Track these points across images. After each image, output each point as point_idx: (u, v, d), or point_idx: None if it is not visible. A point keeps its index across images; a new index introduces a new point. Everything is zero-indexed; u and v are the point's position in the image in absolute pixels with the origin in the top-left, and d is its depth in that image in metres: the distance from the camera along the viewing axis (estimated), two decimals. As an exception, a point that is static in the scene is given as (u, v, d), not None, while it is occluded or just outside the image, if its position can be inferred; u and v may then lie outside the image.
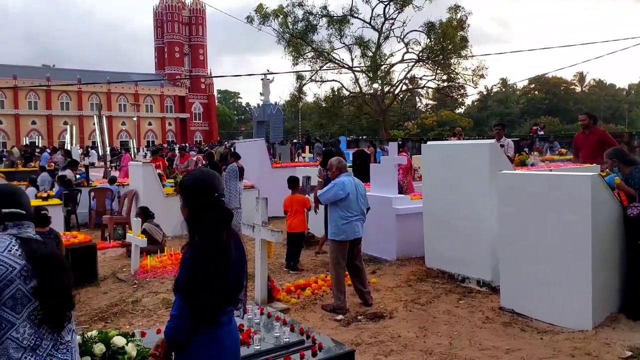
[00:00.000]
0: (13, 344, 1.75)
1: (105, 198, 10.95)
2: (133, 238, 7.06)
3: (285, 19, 32.01)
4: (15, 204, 1.96)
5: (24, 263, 1.82)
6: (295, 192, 7.60)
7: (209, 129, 75.83)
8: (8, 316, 1.76)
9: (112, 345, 2.69)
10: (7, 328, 1.75)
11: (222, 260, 2.16)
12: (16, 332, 1.77)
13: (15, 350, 1.75)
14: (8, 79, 57.27)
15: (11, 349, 1.75)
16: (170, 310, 5.52)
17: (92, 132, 59.27)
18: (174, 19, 73.87)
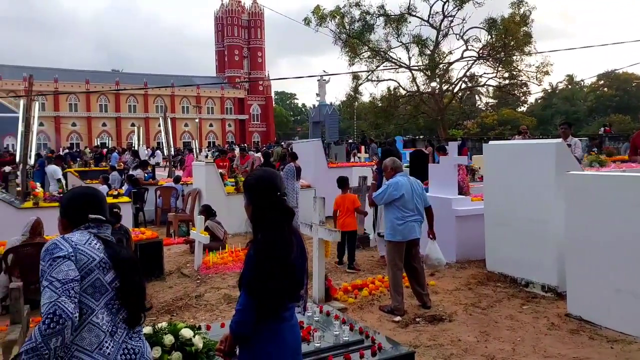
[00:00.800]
0: (95, 329, 1.89)
1: (170, 196, 11.44)
2: (196, 235, 7.34)
3: (342, 20, 32.05)
4: (101, 210, 2.11)
5: (102, 256, 1.96)
6: (346, 191, 7.64)
7: (266, 129, 77.28)
8: (89, 302, 1.90)
9: (180, 336, 2.82)
10: (89, 313, 1.89)
11: (285, 257, 2.22)
12: (96, 317, 1.91)
13: (96, 334, 1.89)
14: (81, 84, 61.01)
15: (93, 332, 1.89)
16: (232, 305, 5.71)
17: (157, 133, 61.91)
18: (233, 23, 75.83)
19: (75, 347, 1.84)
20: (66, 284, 1.80)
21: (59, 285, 1.79)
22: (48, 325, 1.71)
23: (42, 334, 1.71)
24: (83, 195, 2.16)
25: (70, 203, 2.12)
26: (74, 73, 62.52)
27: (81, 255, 1.90)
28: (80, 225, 2.05)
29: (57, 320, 1.73)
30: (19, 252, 5.81)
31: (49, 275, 1.82)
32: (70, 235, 1.97)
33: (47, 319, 1.72)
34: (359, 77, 33.25)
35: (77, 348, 1.85)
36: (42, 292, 1.80)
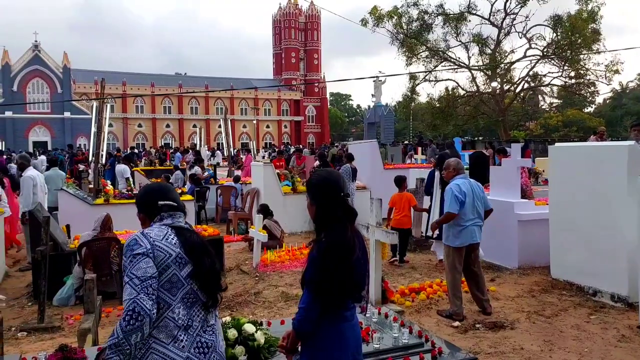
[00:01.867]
0: (171, 323, 2.00)
1: (230, 195, 11.77)
2: (255, 233, 7.52)
3: (399, 20, 31.74)
4: (168, 197, 2.23)
5: (178, 251, 2.06)
6: (403, 190, 7.82)
7: (321, 130, 77.76)
8: (166, 297, 2.01)
9: (243, 331, 2.91)
10: (165, 308, 2.00)
11: (347, 257, 2.24)
12: (172, 312, 2.01)
13: (172, 328, 2.00)
14: (147, 87, 63.94)
15: (169, 326, 1.99)
16: (290, 303, 5.81)
17: (217, 134, 63.82)
18: (290, 26, 76.91)
19: (152, 340, 1.95)
20: (145, 281, 1.92)
21: (138, 282, 1.91)
22: (128, 322, 1.84)
23: (123, 331, 1.84)
24: (153, 188, 2.31)
25: (143, 197, 2.26)
26: (140, 77, 65.63)
27: (159, 252, 2.00)
28: (155, 216, 2.18)
29: (136, 317, 1.85)
30: (91, 246, 6.18)
31: (130, 271, 1.94)
32: (149, 230, 2.08)
33: (127, 316, 1.85)
34: (416, 77, 32.78)
35: (155, 340, 1.96)
36: (124, 288, 1.93)
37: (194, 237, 2.17)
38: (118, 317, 5.64)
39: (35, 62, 53.95)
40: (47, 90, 54.73)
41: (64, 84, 54.95)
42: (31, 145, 49.68)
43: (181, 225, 2.18)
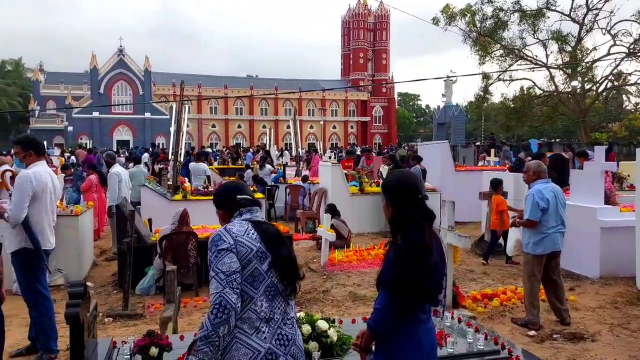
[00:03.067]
0: (253, 315, 2.09)
1: (298, 194, 11.98)
2: (323, 232, 7.61)
3: (472, 18, 30.79)
4: (245, 193, 2.34)
5: (259, 246, 2.15)
6: (498, 192, 7.87)
7: (388, 131, 77.04)
8: (249, 290, 2.11)
9: (316, 327, 2.97)
10: (248, 300, 2.10)
11: (424, 259, 2.22)
12: (255, 304, 2.10)
13: (255, 320, 2.08)
14: (220, 89, 66.41)
15: (252, 318, 2.08)
16: (358, 302, 5.82)
17: (285, 134, 65.00)
18: (359, 27, 76.88)
19: (237, 330, 2.06)
20: (229, 275, 2.03)
21: (223, 277, 2.02)
22: (216, 315, 1.96)
23: (211, 323, 1.95)
24: (230, 185, 2.44)
25: (222, 194, 2.38)
26: (214, 79, 68.30)
27: (241, 247, 2.10)
28: (234, 210, 2.29)
29: (223, 311, 1.96)
30: (171, 239, 6.52)
31: (215, 266, 2.06)
32: (231, 226, 2.19)
33: (215, 309, 1.97)
34: (489, 76, 31.63)
35: (239, 331, 2.06)
36: (210, 282, 2.05)
37: (270, 228, 2.27)
38: (194, 307, 5.93)
39: (119, 66, 57.61)
40: (130, 92, 58.29)
41: (145, 86, 58.27)
42: (115, 144, 53.16)
43: (259, 220, 2.28)
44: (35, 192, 4.17)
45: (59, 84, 59.36)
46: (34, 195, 4.17)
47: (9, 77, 63.50)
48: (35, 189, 4.17)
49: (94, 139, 54.00)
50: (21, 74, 66.53)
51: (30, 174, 4.20)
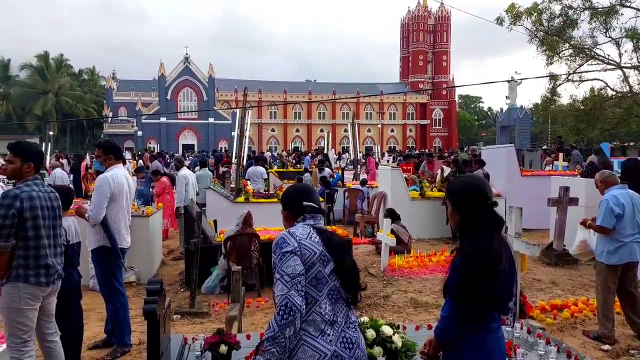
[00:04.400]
0: (318, 318, 2.12)
1: (357, 198, 11.98)
2: (383, 237, 7.56)
3: (539, 17, 29.55)
4: (311, 199, 2.37)
5: (321, 249, 2.18)
6: None
7: (448, 134, 75.35)
8: (313, 293, 2.14)
9: (381, 332, 2.96)
10: (313, 303, 2.13)
11: (493, 266, 2.16)
12: (319, 307, 2.13)
13: (319, 322, 2.12)
14: (280, 94, 67.70)
15: (317, 321, 2.12)
16: (419, 309, 5.73)
17: (343, 138, 65.14)
18: (419, 29, 75.84)
19: (303, 332, 2.09)
20: (294, 278, 2.06)
21: (288, 279, 2.06)
22: (282, 317, 2.00)
23: (278, 325, 2.00)
24: (300, 189, 2.47)
25: (290, 197, 2.42)
26: (274, 84, 69.69)
27: (305, 250, 2.14)
28: (298, 214, 2.32)
29: (289, 312, 2.00)
30: (235, 240, 6.72)
31: (280, 268, 2.10)
32: (295, 229, 2.23)
33: (281, 311, 2.01)
34: (557, 77, 30.21)
35: (305, 333, 2.10)
36: (275, 284, 2.10)
37: (335, 237, 2.29)
38: (257, 308, 6.07)
39: (185, 73, 60.04)
40: (195, 98, 60.60)
41: (209, 92, 60.38)
42: (181, 148, 55.42)
43: (321, 227, 2.30)
44: (112, 194, 4.45)
45: (129, 91, 62.69)
46: (112, 197, 4.45)
47: (85, 85, 67.77)
48: (112, 190, 4.44)
49: (162, 143, 56.56)
50: (96, 82, 70.80)
51: (108, 176, 4.48)
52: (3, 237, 3.17)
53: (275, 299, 2.07)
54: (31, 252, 3.28)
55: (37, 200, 3.30)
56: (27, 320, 3.29)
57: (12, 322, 3.27)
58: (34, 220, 3.27)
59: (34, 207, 3.27)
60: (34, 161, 3.41)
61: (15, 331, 3.27)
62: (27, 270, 3.26)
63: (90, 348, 4.70)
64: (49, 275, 3.35)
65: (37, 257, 3.29)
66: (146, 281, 7.19)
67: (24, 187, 3.32)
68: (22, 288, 3.24)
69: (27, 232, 3.25)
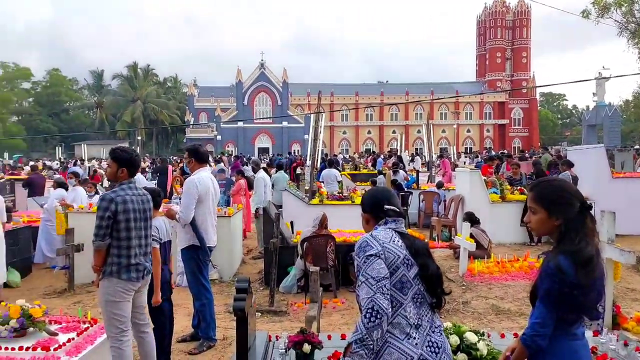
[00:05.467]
0: (403, 321, 2.12)
1: (432, 201, 11.74)
2: (462, 241, 7.36)
3: (630, 7, 27.44)
4: (393, 203, 2.37)
5: (405, 253, 2.18)
6: None
7: (528, 134, 71.76)
8: (398, 296, 2.15)
9: (465, 339, 2.90)
10: (398, 306, 2.14)
11: (591, 271, 2.07)
12: (404, 310, 2.14)
13: (405, 326, 2.12)
14: (352, 96, 67.88)
15: (402, 324, 2.12)
16: (501, 316, 5.52)
17: (416, 139, 64.12)
18: (497, 25, 72.99)
19: (388, 335, 2.10)
20: (379, 281, 2.07)
21: (373, 282, 2.07)
22: (369, 320, 2.02)
23: (365, 327, 2.02)
24: (381, 192, 2.46)
25: (372, 199, 2.42)
26: (346, 87, 70.05)
27: (389, 253, 2.15)
28: (379, 217, 2.33)
29: (376, 315, 2.01)
30: (311, 241, 6.84)
31: (365, 272, 2.11)
32: (377, 232, 2.24)
33: (368, 314, 2.03)
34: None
35: (390, 335, 2.11)
36: (360, 287, 2.11)
37: (418, 242, 2.28)
38: (334, 309, 6.14)
39: (261, 79, 61.90)
40: (270, 102, 62.30)
41: (283, 96, 61.83)
42: (256, 151, 57.18)
43: (403, 231, 2.30)
44: (199, 196, 4.70)
45: (209, 97, 65.66)
46: (199, 199, 4.70)
47: (169, 93, 71.84)
48: (199, 192, 4.70)
49: (239, 146, 58.67)
50: (179, 90, 74.88)
51: (195, 179, 4.74)
52: (100, 236, 3.47)
53: (361, 302, 2.09)
54: (123, 251, 3.56)
55: (129, 203, 3.57)
56: (122, 311, 3.57)
57: (110, 314, 3.56)
58: (127, 222, 3.55)
59: (127, 210, 3.54)
60: (127, 167, 3.68)
61: (113, 322, 3.56)
62: (119, 267, 3.54)
63: (179, 341, 4.98)
64: (138, 271, 3.62)
65: (128, 256, 3.57)
66: (228, 279, 7.53)
67: (119, 191, 3.60)
68: (115, 283, 3.53)
69: (120, 232, 3.53)
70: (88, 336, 4.01)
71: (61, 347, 3.69)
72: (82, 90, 74.90)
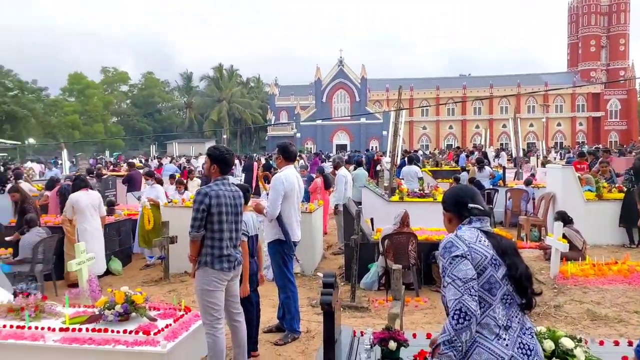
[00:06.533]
0: (492, 322, 2.08)
1: (520, 199, 11.20)
2: (553, 241, 6.96)
3: None
4: (477, 201, 2.30)
5: (492, 253, 2.12)
6: None
7: (627, 127, 66.03)
8: (486, 297, 2.10)
9: (560, 345, 2.76)
10: (486, 307, 2.09)
11: None
12: (493, 311, 2.09)
13: (494, 327, 2.07)
14: (432, 90, 66.23)
15: (491, 324, 2.08)
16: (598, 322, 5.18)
17: (501, 134, 61.44)
18: (590, 11, 67.86)
19: (477, 335, 2.07)
20: (467, 282, 2.04)
21: (460, 283, 2.04)
22: (457, 321, 2.00)
23: (454, 329, 2.00)
24: (465, 190, 2.40)
25: (455, 198, 2.37)
26: (425, 81, 68.40)
27: (475, 254, 2.10)
28: (463, 216, 2.28)
29: (464, 317, 1.99)
30: (393, 238, 6.80)
31: (451, 273, 2.09)
32: (462, 232, 2.20)
33: (456, 315, 2.00)
34: None
35: (479, 335, 2.07)
36: (446, 288, 2.09)
37: (504, 241, 2.22)
38: (415, 307, 6.07)
39: (339, 76, 62.20)
40: (348, 99, 62.46)
41: (361, 93, 61.75)
42: (334, 148, 57.59)
43: (489, 230, 2.23)
44: (285, 192, 4.85)
45: (289, 95, 67.12)
46: (285, 195, 4.85)
47: (252, 93, 74.40)
48: (286, 189, 4.85)
49: (317, 143, 59.47)
50: (261, 89, 77.32)
51: (282, 176, 4.90)
52: (195, 228, 3.69)
53: (448, 303, 2.07)
54: (216, 242, 3.76)
55: (222, 198, 3.77)
56: (217, 300, 3.78)
57: (205, 302, 3.77)
58: (219, 215, 3.75)
59: (219, 204, 3.74)
60: (218, 165, 3.89)
61: (208, 310, 3.77)
62: (212, 258, 3.75)
63: (265, 332, 5.17)
64: (230, 262, 3.81)
65: (220, 247, 3.76)
66: (309, 273, 7.69)
67: (213, 186, 3.82)
68: (210, 273, 3.73)
69: (213, 225, 3.74)
70: (183, 323, 4.30)
71: (160, 332, 3.99)
72: (173, 92, 79.65)
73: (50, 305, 4.48)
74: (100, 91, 67.32)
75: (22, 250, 6.72)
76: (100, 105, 63.45)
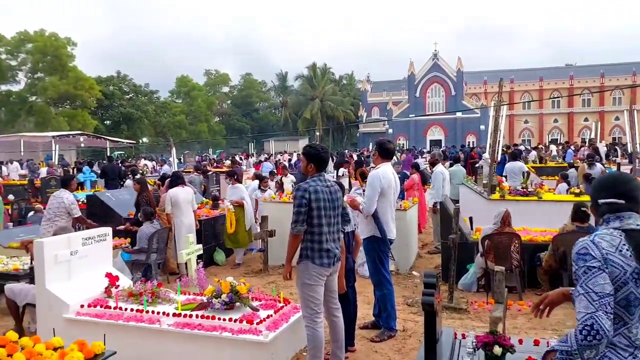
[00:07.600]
0: (624, 340, 1.89)
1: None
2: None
3: None
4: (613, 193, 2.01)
5: (635, 265, 1.87)
6: None
7: None
8: (622, 314, 1.89)
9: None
10: (621, 324, 1.89)
11: None
12: (628, 330, 1.89)
13: (626, 345, 1.89)
14: (535, 82, 62.16)
15: (623, 342, 1.89)
16: None
17: (613, 127, 56.25)
18: None
19: (608, 349, 1.89)
20: (603, 298, 1.83)
21: (596, 297, 1.83)
22: (585, 337, 1.80)
23: (578, 343, 1.81)
24: (600, 182, 2.17)
25: (592, 188, 2.16)
26: (527, 72, 64.31)
27: (613, 267, 1.88)
28: (601, 215, 2.04)
29: (594, 335, 1.78)
30: (493, 239, 6.51)
31: (585, 284, 1.88)
32: (600, 239, 1.95)
33: (585, 331, 1.80)
34: None
35: (610, 349, 1.90)
36: (578, 299, 1.89)
37: None
38: (519, 311, 5.77)
39: (434, 70, 60.55)
40: (443, 93, 60.62)
41: (457, 86, 59.65)
42: (428, 143, 56.29)
43: (631, 228, 1.95)
44: (382, 189, 4.84)
45: (382, 91, 66.63)
46: (381, 192, 4.84)
47: (344, 90, 74.91)
48: (382, 186, 4.84)
49: (410, 139, 58.47)
50: (353, 86, 77.59)
51: (379, 173, 4.90)
52: (299, 222, 3.81)
53: (577, 315, 1.88)
54: (315, 237, 3.85)
55: (320, 193, 3.86)
56: (316, 294, 3.87)
57: (306, 296, 3.88)
58: (318, 210, 3.84)
59: (318, 199, 3.84)
60: (314, 163, 3.99)
61: (308, 303, 3.88)
62: (312, 252, 3.85)
63: (361, 328, 5.20)
64: (329, 257, 3.88)
65: (320, 242, 3.85)
66: (404, 271, 7.60)
67: (310, 182, 3.93)
68: (311, 267, 3.83)
69: (313, 219, 3.83)
70: (283, 314, 4.47)
71: (262, 322, 4.17)
72: (269, 92, 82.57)
73: (164, 292, 4.87)
74: (204, 93, 71.58)
75: (139, 241, 7.35)
76: (204, 106, 67.43)
